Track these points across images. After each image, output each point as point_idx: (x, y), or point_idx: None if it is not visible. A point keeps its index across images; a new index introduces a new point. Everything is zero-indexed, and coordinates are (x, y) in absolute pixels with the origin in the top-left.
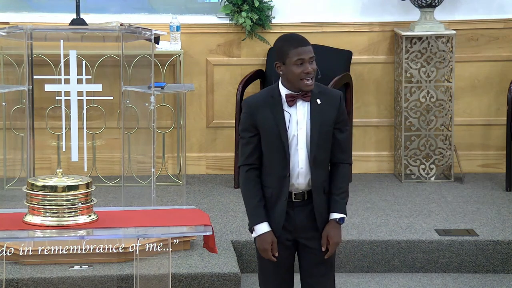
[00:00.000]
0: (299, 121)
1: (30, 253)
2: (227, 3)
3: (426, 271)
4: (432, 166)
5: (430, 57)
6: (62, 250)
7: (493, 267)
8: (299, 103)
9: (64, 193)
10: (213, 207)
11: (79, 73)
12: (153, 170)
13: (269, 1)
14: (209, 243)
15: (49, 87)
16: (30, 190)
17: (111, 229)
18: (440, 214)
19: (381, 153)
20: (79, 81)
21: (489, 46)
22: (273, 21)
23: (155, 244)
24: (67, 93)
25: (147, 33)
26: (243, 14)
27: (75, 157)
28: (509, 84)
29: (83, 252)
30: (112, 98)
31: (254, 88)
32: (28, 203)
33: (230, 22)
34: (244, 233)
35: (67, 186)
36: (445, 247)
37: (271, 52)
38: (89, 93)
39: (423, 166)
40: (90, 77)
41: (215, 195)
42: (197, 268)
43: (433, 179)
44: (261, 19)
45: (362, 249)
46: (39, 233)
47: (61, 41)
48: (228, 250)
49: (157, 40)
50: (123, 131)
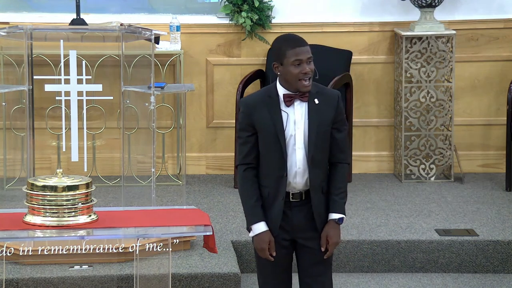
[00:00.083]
0: (296, 121)
1: (30, 253)
2: (227, 3)
3: (426, 271)
4: (432, 166)
5: (430, 57)
6: (62, 250)
7: (493, 267)
8: (296, 103)
9: (64, 193)
10: (213, 207)
11: (79, 73)
12: (153, 170)
13: (269, 1)
14: (209, 243)
15: (49, 87)
16: (30, 190)
17: (111, 229)
18: (440, 214)
19: (381, 153)
20: (79, 81)
21: (489, 46)
22: (273, 21)
23: (155, 244)
24: (67, 93)
25: (147, 33)
26: (243, 14)
27: (75, 157)
28: (509, 84)
29: (83, 252)
30: (112, 98)
31: (254, 88)
32: (28, 203)
33: (230, 22)
34: (244, 233)
35: (67, 186)
36: (445, 247)
37: (271, 52)
38: (89, 93)
39: (423, 166)
40: (90, 77)
41: (215, 195)
42: (197, 268)
43: (433, 179)
44: (261, 19)
45: (362, 249)
46: (39, 233)
47: (61, 41)
48: (228, 250)
49: (157, 40)
50: (123, 131)
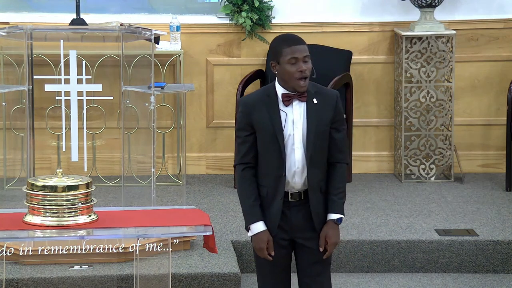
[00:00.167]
0: (295, 120)
1: (30, 253)
2: (227, 3)
3: (426, 271)
4: (432, 166)
5: (430, 57)
6: (62, 250)
7: (493, 267)
8: (295, 103)
9: (64, 193)
10: (213, 207)
11: (79, 73)
12: (153, 170)
13: (269, 1)
14: (209, 243)
15: (49, 87)
16: (30, 190)
17: (111, 229)
18: (440, 214)
19: (381, 153)
20: (79, 81)
21: (489, 46)
22: (273, 21)
23: (155, 244)
24: (67, 93)
25: (147, 33)
26: (243, 14)
27: (75, 157)
28: (509, 84)
29: (83, 252)
30: (112, 98)
31: (254, 88)
32: (28, 203)
33: (230, 22)
34: (244, 233)
35: (67, 186)
36: (445, 247)
37: (269, 52)
38: (89, 93)
39: (423, 166)
40: (90, 77)
41: (215, 195)
42: (197, 268)
43: (433, 179)
44: (261, 19)
45: (362, 249)
46: (39, 233)
47: (61, 41)
48: (228, 250)
49: (157, 40)
50: (123, 131)
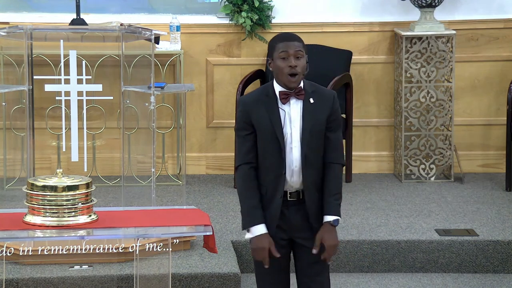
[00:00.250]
0: (292, 119)
1: (30, 253)
2: (227, 3)
3: (426, 271)
4: (432, 166)
5: (430, 57)
6: (62, 250)
7: (493, 267)
8: (292, 101)
9: (64, 193)
10: (213, 207)
11: (79, 73)
12: (153, 170)
13: (269, 1)
14: (209, 243)
15: (49, 87)
16: (30, 190)
17: (111, 229)
18: (440, 214)
19: (381, 153)
20: (79, 81)
21: (489, 46)
22: (273, 21)
23: (155, 244)
24: (67, 93)
25: (147, 33)
26: (243, 14)
27: (75, 157)
28: (509, 84)
29: (83, 252)
30: (112, 98)
31: (254, 88)
32: (28, 203)
33: (230, 22)
34: (244, 233)
35: (67, 186)
36: (445, 247)
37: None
38: (89, 93)
39: (423, 166)
40: (90, 77)
41: (215, 195)
42: (197, 268)
43: (433, 179)
44: (261, 19)
45: (362, 249)
46: (39, 233)
47: (61, 41)
48: (228, 250)
49: (157, 40)
50: (123, 131)
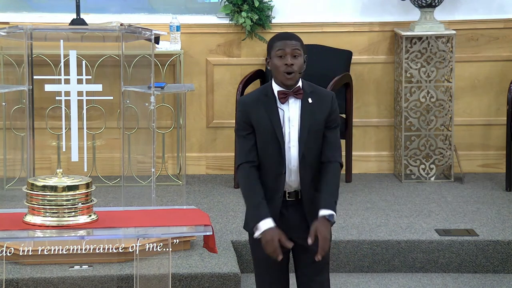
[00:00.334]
0: (291, 118)
1: (30, 253)
2: (227, 3)
3: (426, 271)
4: (432, 166)
5: (430, 57)
6: (62, 250)
7: (493, 267)
8: (291, 101)
9: (64, 193)
10: (213, 207)
11: (79, 73)
12: (153, 170)
13: (269, 1)
14: (209, 243)
15: (49, 87)
16: (30, 190)
17: (111, 229)
18: (440, 214)
19: (381, 153)
20: (79, 81)
21: (489, 46)
22: (273, 21)
23: (155, 244)
24: (67, 93)
25: (147, 33)
26: (243, 14)
27: (75, 157)
28: (509, 84)
29: (83, 252)
30: (112, 98)
31: (254, 88)
32: (28, 203)
33: (230, 22)
34: (244, 233)
35: (67, 186)
36: (445, 247)
37: None
38: (89, 93)
39: (423, 166)
40: (90, 77)
41: (215, 195)
42: (197, 268)
43: (433, 179)
44: (261, 19)
45: (362, 249)
46: (39, 233)
47: (61, 41)
48: (228, 250)
49: (157, 40)
50: (123, 131)
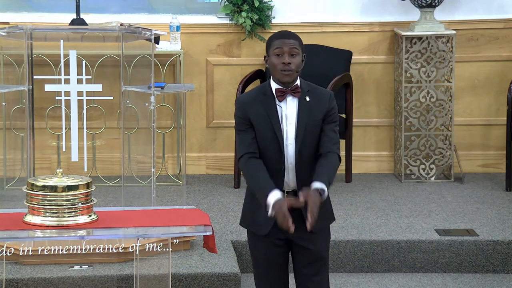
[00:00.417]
0: (288, 116)
1: (30, 253)
2: (227, 3)
3: (426, 271)
4: (432, 166)
5: (430, 57)
6: (62, 250)
7: (493, 267)
8: (289, 99)
9: (64, 193)
10: (213, 207)
11: (79, 73)
12: (153, 170)
13: (269, 1)
14: (209, 243)
15: (49, 87)
16: (30, 190)
17: (111, 229)
18: (440, 214)
19: (381, 153)
20: (79, 81)
21: (489, 46)
22: (273, 21)
23: (155, 244)
24: (67, 93)
25: (147, 33)
26: (243, 14)
27: (75, 157)
28: (509, 84)
29: (83, 252)
30: (112, 98)
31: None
32: (28, 203)
33: (230, 22)
34: (244, 233)
35: (67, 186)
36: (445, 247)
37: None
38: (89, 93)
39: (423, 166)
40: (90, 77)
41: (215, 195)
42: (197, 268)
43: (433, 179)
44: (261, 19)
45: (362, 249)
46: (39, 233)
47: (61, 41)
48: (228, 250)
49: (157, 40)
50: (123, 131)
